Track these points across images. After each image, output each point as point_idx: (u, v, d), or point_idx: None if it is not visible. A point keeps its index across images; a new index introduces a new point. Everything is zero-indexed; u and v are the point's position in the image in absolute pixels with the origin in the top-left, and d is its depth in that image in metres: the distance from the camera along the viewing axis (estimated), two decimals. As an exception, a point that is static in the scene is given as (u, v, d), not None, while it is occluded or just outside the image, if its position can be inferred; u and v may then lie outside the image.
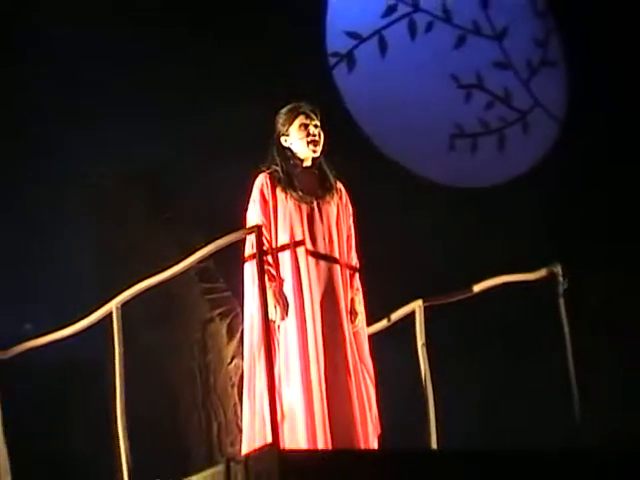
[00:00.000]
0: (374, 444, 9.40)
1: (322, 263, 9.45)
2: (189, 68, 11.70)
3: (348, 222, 9.62)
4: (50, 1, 11.70)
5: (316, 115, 9.60)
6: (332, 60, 13.04)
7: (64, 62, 11.57)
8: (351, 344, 9.44)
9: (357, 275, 9.57)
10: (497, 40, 13.52)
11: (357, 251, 9.60)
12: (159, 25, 11.82)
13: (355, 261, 9.58)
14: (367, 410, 9.41)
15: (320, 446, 9.21)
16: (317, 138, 9.54)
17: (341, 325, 9.41)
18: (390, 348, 10.14)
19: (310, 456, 8.97)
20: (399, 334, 10.16)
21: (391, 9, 13.36)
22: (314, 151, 9.53)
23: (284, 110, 9.62)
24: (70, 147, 11.36)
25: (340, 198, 9.61)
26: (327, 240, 9.48)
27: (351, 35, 13.18)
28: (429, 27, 13.42)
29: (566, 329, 9.75)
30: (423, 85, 13.31)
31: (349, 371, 9.39)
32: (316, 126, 9.54)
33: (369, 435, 9.38)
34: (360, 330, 9.51)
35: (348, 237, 9.59)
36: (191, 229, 10.93)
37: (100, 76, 11.62)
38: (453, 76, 13.39)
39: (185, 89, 11.64)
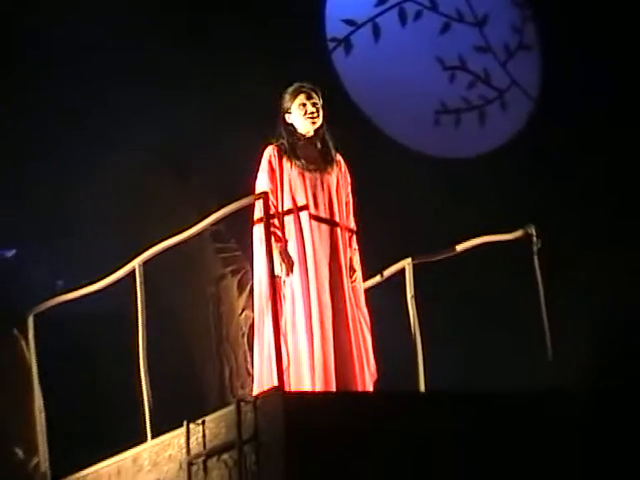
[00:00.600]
0: (370, 387, 9.45)
1: (323, 226, 9.50)
2: (207, 56, 11.70)
3: (346, 190, 9.68)
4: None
5: (316, 93, 9.64)
6: (331, 45, 13.08)
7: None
8: (349, 297, 9.50)
9: (354, 237, 9.64)
10: (478, 27, 13.54)
11: (354, 215, 9.66)
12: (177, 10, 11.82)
13: (353, 224, 9.65)
14: (364, 355, 9.47)
15: (322, 388, 9.26)
16: (315, 114, 9.58)
17: (341, 280, 9.47)
18: (383, 300, 10.16)
19: (312, 397, 8.99)
20: (392, 288, 10.27)
21: (383, -1, 13.40)
22: (313, 124, 9.58)
23: (288, 90, 9.66)
24: (102, 118, 11.38)
25: (340, 169, 9.67)
26: (327, 205, 9.54)
27: (348, 22, 13.21)
28: (418, 15, 13.44)
29: (539, 281, 9.87)
30: (412, 67, 13.32)
31: (348, 321, 9.45)
32: (314, 104, 9.58)
33: (366, 378, 9.45)
34: (357, 285, 9.61)
35: (347, 203, 9.65)
36: (206, 195, 10.91)
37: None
38: (439, 59, 13.42)
39: (202, 73, 11.64)
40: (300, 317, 9.34)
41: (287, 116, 9.64)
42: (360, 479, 8.40)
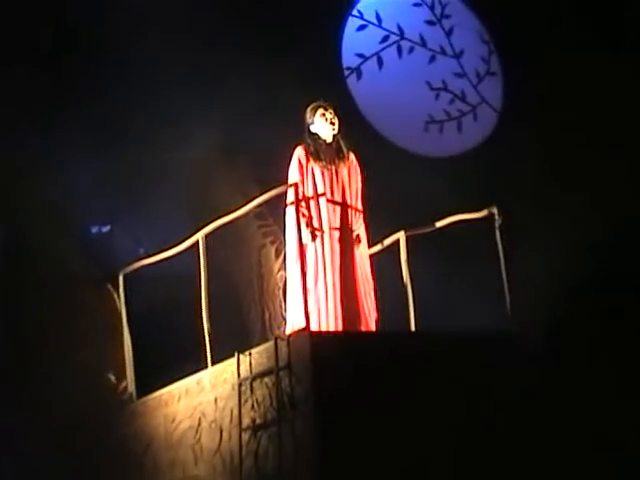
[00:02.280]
0: (373, 326, 9.48)
1: (337, 207, 9.56)
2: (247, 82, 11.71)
3: (356, 180, 9.72)
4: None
5: (331, 107, 9.70)
6: (346, 72, 13.04)
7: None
8: (357, 260, 9.55)
9: (362, 215, 9.67)
10: (456, 58, 13.49)
11: (362, 199, 9.69)
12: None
13: (360, 206, 9.68)
14: (368, 303, 9.52)
15: (337, 327, 9.30)
16: (333, 121, 9.65)
17: (351, 247, 9.52)
18: (384, 263, 10.19)
19: (330, 335, 9.11)
20: (390, 254, 10.30)
21: (385, 38, 13.31)
22: (333, 129, 9.64)
23: (310, 107, 9.73)
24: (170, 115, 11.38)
25: (351, 164, 9.73)
26: (341, 192, 9.59)
27: (359, 55, 13.18)
28: (411, 50, 13.38)
29: (500, 251, 9.86)
30: (407, 89, 13.26)
31: (356, 277, 9.49)
32: (331, 114, 9.65)
33: (370, 320, 9.49)
34: (363, 250, 9.65)
35: (356, 190, 9.70)
36: (251, 183, 10.91)
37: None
38: (427, 82, 13.36)
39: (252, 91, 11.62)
40: (321, 274, 9.38)
41: (311, 127, 9.68)
42: (363, 391, 8.44)
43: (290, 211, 9.42)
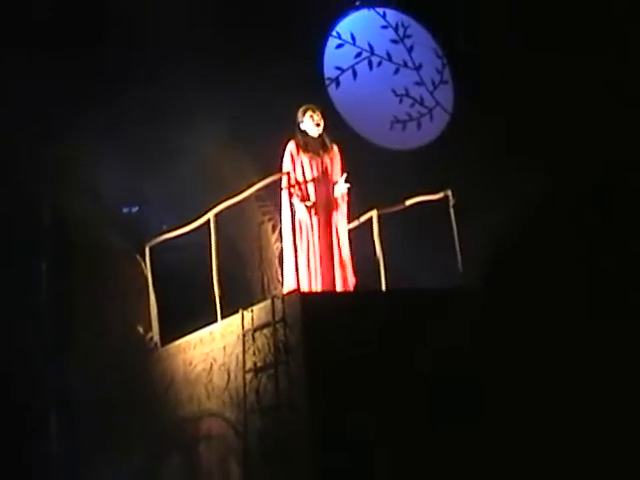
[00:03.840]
0: (351, 287, 9.40)
1: (322, 189, 9.43)
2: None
3: (337, 167, 9.59)
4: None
5: (318, 110, 9.59)
6: (327, 82, 12.85)
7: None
8: (340, 233, 9.43)
9: (343, 196, 9.55)
10: (416, 70, 13.33)
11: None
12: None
13: (342, 190, 9.55)
14: (348, 268, 9.41)
15: (323, 288, 9.23)
16: (319, 122, 9.53)
17: (335, 222, 9.43)
18: (360, 236, 10.01)
19: (316, 295, 9.06)
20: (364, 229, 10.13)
21: (359, 54, 13.10)
22: (318, 127, 9.53)
23: (300, 109, 9.59)
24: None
25: (334, 154, 9.63)
26: (325, 178, 9.46)
27: (338, 68, 12.97)
28: (379, 64, 13.19)
29: (454, 225, 9.77)
30: (376, 95, 13.06)
31: (339, 247, 9.39)
32: (318, 116, 9.54)
33: (349, 281, 9.39)
34: (344, 225, 9.52)
35: (338, 174, 9.56)
36: (252, 171, 10.68)
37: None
38: (392, 90, 13.15)
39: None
40: (310, 245, 9.33)
41: (301, 125, 9.54)
42: (344, 339, 8.30)
43: (283, 194, 9.35)
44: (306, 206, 9.31)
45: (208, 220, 9.73)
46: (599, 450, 8.45)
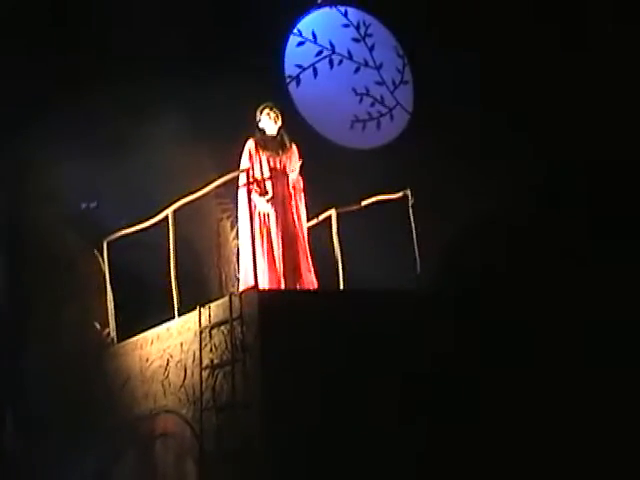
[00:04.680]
0: (310, 285, 9.41)
1: (280, 187, 9.44)
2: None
3: (295, 165, 9.58)
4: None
5: (275, 107, 9.61)
6: (288, 79, 12.79)
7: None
8: (298, 231, 9.44)
9: (300, 194, 9.56)
10: (377, 69, 13.30)
11: (303, 179, 9.61)
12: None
13: (301, 185, 9.58)
14: (306, 265, 9.41)
15: (280, 286, 9.23)
16: (276, 119, 9.57)
17: (292, 220, 9.44)
18: (317, 234, 10.01)
19: (274, 292, 9.02)
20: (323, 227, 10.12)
21: (320, 52, 13.04)
22: (275, 127, 9.56)
23: (259, 108, 9.62)
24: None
25: (292, 152, 9.64)
26: (282, 174, 9.46)
27: (298, 66, 12.89)
28: (340, 62, 13.14)
29: (412, 221, 9.80)
30: (336, 94, 13.00)
31: (297, 245, 9.40)
32: (275, 113, 9.56)
33: (307, 279, 9.41)
34: (302, 222, 9.50)
35: (294, 172, 9.56)
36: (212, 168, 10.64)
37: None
38: (353, 89, 13.09)
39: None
40: (267, 242, 9.33)
41: (259, 123, 9.56)
42: (300, 337, 8.32)
43: (242, 191, 9.32)
44: (266, 200, 9.29)
45: (166, 216, 9.70)
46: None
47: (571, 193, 11.24)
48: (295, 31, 12.95)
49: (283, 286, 9.17)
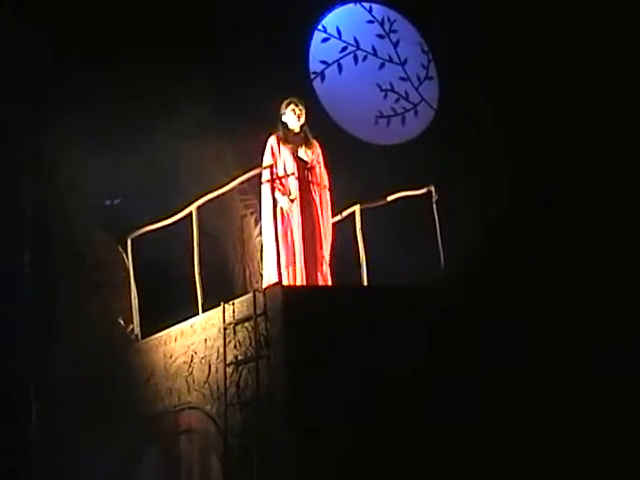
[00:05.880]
0: (329, 280, 9.47)
1: (305, 185, 9.45)
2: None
3: (319, 160, 9.60)
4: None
5: (301, 103, 9.61)
6: (312, 76, 12.83)
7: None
8: (320, 226, 9.45)
9: (325, 189, 9.58)
10: (402, 65, 13.34)
11: (328, 175, 9.65)
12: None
13: (325, 183, 9.58)
14: (325, 261, 9.41)
15: (303, 282, 9.29)
16: (300, 115, 9.57)
17: (317, 215, 9.47)
18: (343, 230, 10.02)
19: (297, 288, 9.08)
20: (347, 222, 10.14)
21: (344, 48, 13.09)
22: (299, 121, 9.57)
23: (284, 102, 9.63)
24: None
25: (315, 148, 9.62)
26: (305, 170, 9.47)
27: (323, 62, 12.96)
28: (365, 58, 13.19)
29: (436, 220, 9.78)
30: (361, 90, 13.06)
31: (320, 241, 9.41)
32: (300, 109, 9.56)
33: (327, 275, 9.45)
34: (325, 218, 9.51)
35: (320, 169, 9.59)
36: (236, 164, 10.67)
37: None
38: (377, 84, 13.16)
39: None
40: (290, 239, 9.35)
41: (283, 117, 9.57)
42: (324, 332, 8.32)
43: (265, 187, 9.33)
44: (289, 199, 9.31)
45: (190, 213, 9.72)
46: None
47: (589, 194, 11.23)
48: (320, 27, 13.03)
49: (305, 282, 9.19)
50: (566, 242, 10.61)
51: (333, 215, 9.77)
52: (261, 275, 9.89)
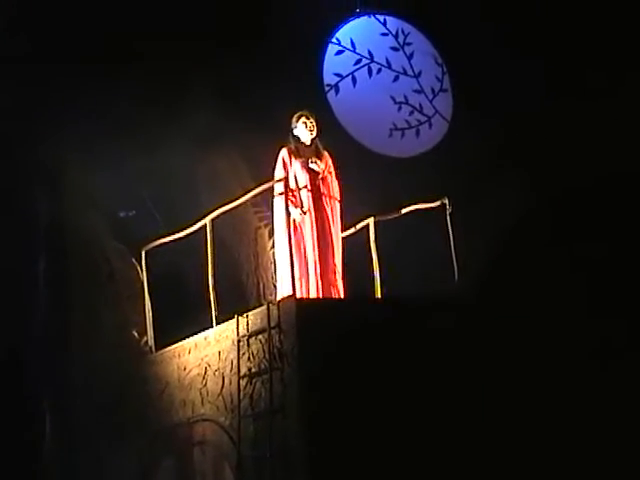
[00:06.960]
0: (342, 294, 9.50)
1: (316, 197, 9.50)
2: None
3: (330, 170, 9.64)
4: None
5: (312, 116, 9.67)
6: (327, 88, 12.85)
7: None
8: (333, 239, 9.47)
9: (336, 202, 9.61)
10: (416, 78, 13.33)
11: (340, 188, 9.67)
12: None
13: (337, 194, 9.61)
14: (337, 274, 9.44)
15: (317, 294, 9.31)
16: (312, 129, 9.61)
17: (328, 228, 9.46)
18: (354, 243, 10.06)
19: (311, 301, 9.11)
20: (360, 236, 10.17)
21: (358, 61, 13.10)
22: (310, 134, 9.58)
23: (295, 115, 9.69)
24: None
25: (326, 159, 9.65)
26: (319, 184, 9.49)
27: (337, 75, 12.96)
28: (379, 71, 13.19)
29: (450, 231, 9.80)
30: (375, 102, 13.05)
31: (333, 253, 9.43)
32: (311, 122, 9.62)
33: (339, 287, 9.47)
34: (337, 230, 9.56)
35: (331, 181, 9.62)
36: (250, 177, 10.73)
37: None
38: (392, 97, 13.14)
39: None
40: (303, 252, 9.37)
41: (294, 130, 9.62)
42: (337, 345, 8.34)
43: (278, 200, 9.37)
44: (302, 211, 9.36)
45: (204, 225, 9.75)
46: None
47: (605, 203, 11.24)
48: (334, 40, 13.03)
49: (320, 295, 9.21)
50: (577, 251, 10.63)
51: (346, 227, 9.80)
52: (275, 287, 9.92)
